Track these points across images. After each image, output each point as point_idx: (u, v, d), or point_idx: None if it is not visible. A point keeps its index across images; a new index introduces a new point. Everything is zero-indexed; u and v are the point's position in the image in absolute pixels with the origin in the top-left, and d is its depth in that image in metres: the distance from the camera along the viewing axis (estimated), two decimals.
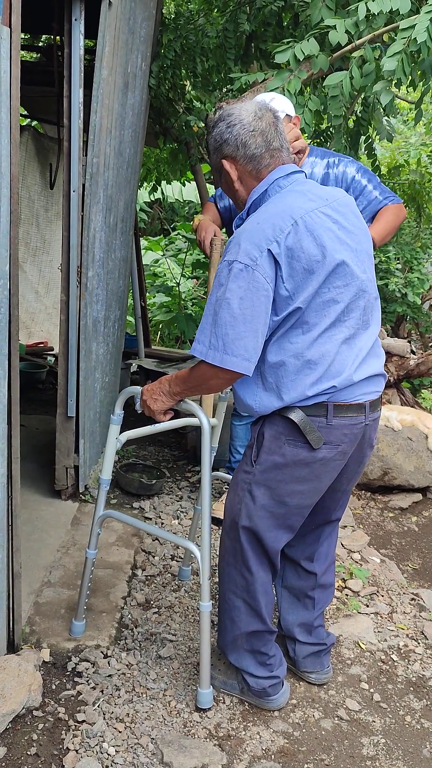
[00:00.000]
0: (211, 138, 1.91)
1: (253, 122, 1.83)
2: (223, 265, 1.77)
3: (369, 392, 1.91)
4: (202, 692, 2.10)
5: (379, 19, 3.01)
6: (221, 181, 1.96)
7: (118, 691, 2.14)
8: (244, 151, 1.84)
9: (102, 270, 3.41)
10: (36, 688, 2.03)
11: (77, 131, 2.92)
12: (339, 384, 1.83)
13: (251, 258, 1.72)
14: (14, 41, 1.83)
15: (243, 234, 1.77)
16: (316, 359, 1.79)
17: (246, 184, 1.90)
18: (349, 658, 2.45)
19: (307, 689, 2.27)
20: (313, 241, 1.76)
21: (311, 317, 1.78)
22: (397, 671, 2.42)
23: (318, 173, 2.85)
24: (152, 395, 1.99)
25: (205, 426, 1.97)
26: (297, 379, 1.81)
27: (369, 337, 1.91)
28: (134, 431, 2.30)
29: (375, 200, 2.81)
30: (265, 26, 4.20)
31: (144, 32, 3.82)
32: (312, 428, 1.83)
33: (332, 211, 1.84)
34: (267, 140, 1.84)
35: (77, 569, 2.76)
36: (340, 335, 1.82)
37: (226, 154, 1.87)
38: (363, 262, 1.88)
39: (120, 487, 3.60)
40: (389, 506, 3.86)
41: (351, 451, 1.96)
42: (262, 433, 1.92)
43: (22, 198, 6.01)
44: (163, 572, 2.87)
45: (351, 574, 2.96)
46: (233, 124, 1.84)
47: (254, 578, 2.02)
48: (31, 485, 3.46)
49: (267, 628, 2.08)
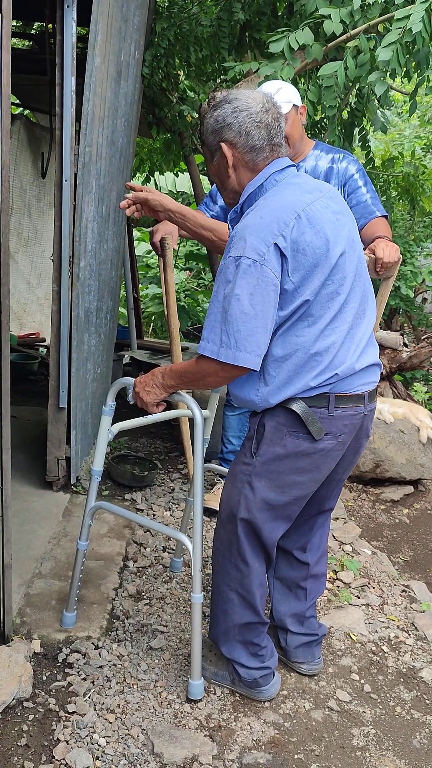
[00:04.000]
0: (212, 118, 1.86)
1: (260, 113, 1.82)
2: (229, 261, 1.75)
3: (367, 382, 1.93)
4: (193, 683, 2.10)
5: (374, 9, 3.00)
6: (212, 164, 1.94)
7: (109, 682, 2.14)
8: (246, 140, 1.83)
9: (94, 260, 3.39)
10: (26, 679, 2.03)
11: (69, 120, 2.90)
12: (341, 373, 1.83)
13: (259, 253, 1.71)
14: (5, 28, 1.81)
15: (247, 229, 1.75)
16: (322, 351, 1.79)
17: (239, 173, 1.89)
18: (340, 650, 2.46)
19: (298, 680, 2.28)
20: (316, 233, 1.76)
21: (316, 310, 1.78)
22: (387, 662, 2.43)
23: (322, 167, 2.86)
24: (145, 387, 1.98)
25: (198, 418, 1.97)
26: (302, 372, 1.81)
27: (367, 326, 1.92)
28: (126, 423, 2.29)
29: (364, 203, 2.85)
30: (260, 15, 4.17)
31: (137, 20, 3.78)
32: (314, 419, 1.84)
33: (329, 201, 1.86)
34: (270, 135, 1.84)
35: (68, 560, 2.75)
36: (345, 326, 1.83)
37: (227, 138, 1.85)
38: (357, 251, 1.89)
39: (112, 478, 3.59)
40: (381, 498, 3.87)
41: (349, 441, 1.97)
42: (263, 425, 1.91)
43: (14, 188, 5.96)
44: (155, 564, 2.87)
45: (342, 565, 2.96)
46: (240, 110, 1.82)
47: (250, 570, 2.01)
48: (22, 477, 3.45)
49: (260, 620, 2.08)
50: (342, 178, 2.85)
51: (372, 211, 2.83)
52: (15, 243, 6.14)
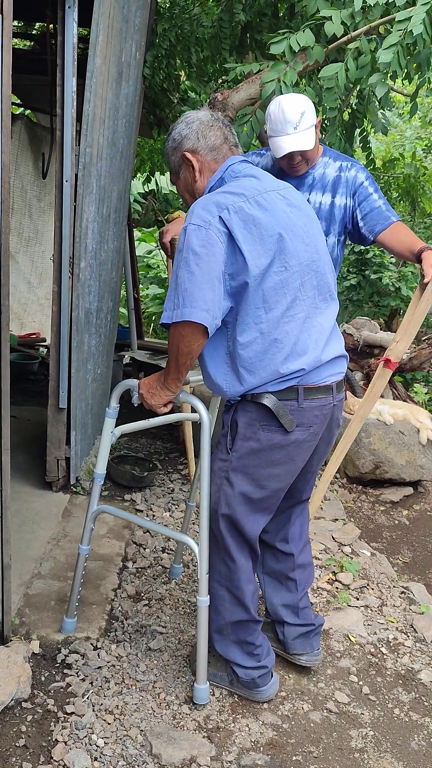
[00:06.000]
0: (170, 140, 2.01)
1: (209, 120, 1.99)
2: (181, 233, 1.83)
3: (334, 373, 1.99)
4: (198, 688, 2.09)
5: (375, 11, 2.99)
6: (180, 180, 2.06)
7: (108, 683, 2.14)
8: (204, 142, 1.97)
9: (95, 261, 3.39)
10: (25, 679, 2.03)
11: (70, 120, 2.90)
12: (308, 366, 1.90)
13: (204, 220, 1.79)
14: (6, 28, 1.81)
15: (197, 204, 1.84)
16: (282, 338, 1.86)
17: (204, 176, 2.00)
18: (339, 651, 2.46)
19: (297, 681, 2.28)
20: (265, 214, 1.83)
21: (270, 297, 1.84)
22: (386, 664, 2.43)
23: (330, 174, 2.86)
24: (149, 389, 2.00)
25: (205, 418, 1.97)
26: (266, 358, 1.87)
27: (329, 317, 1.99)
28: (129, 425, 2.29)
29: (378, 209, 2.84)
30: (261, 17, 4.16)
31: (138, 21, 3.78)
32: (285, 412, 1.89)
33: (286, 194, 1.95)
34: (224, 134, 1.99)
35: (68, 561, 2.75)
36: (301, 314, 1.90)
37: (188, 147, 1.98)
38: (314, 244, 1.95)
39: (111, 478, 3.59)
40: (380, 500, 3.87)
41: (321, 431, 2.03)
42: (236, 421, 1.97)
43: (15, 188, 5.97)
44: (154, 564, 2.87)
45: (341, 567, 2.96)
46: (191, 122, 1.99)
47: (237, 566, 2.05)
48: (21, 477, 3.45)
49: (251, 617, 2.10)
50: (351, 187, 2.86)
51: (387, 217, 2.83)
52: (16, 243, 6.14)
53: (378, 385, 2.73)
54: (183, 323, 1.78)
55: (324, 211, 2.90)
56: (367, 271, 7.03)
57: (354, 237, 2.98)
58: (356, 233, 2.93)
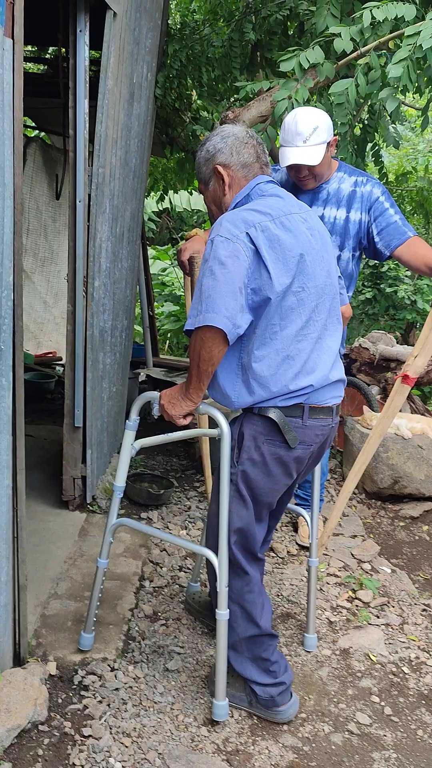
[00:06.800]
0: (203, 151, 2.05)
1: (245, 138, 2.03)
2: (207, 244, 1.85)
3: (336, 396, 2.05)
4: (217, 704, 2.07)
5: (384, 26, 3.00)
6: (208, 192, 2.10)
7: (125, 705, 2.12)
8: (237, 158, 2.01)
9: (109, 280, 3.41)
10: (42, 702, 2.01)
11: (82, 141, 2.93)
12: (316, 383, 1.94)
13: (232, 233, 1.81)
14: (17, 52, 1.83)
15: (224, 218, 1.86)
16: (294, 355, 1.91)
17: (233, 191, 2.04)
18: (360, 671, 2.42)
19: (317, 703, 2.24)
20: (289, 236, 1.87)
21: (287, 314, 1.88)
22: (408, 684, 2.38)
23: (345, 189, 2.86)
24: (170, 399, 2.00)
25: (225, 430, 1.95)
26: (278, 372, 1.90)
27: (336, 340, 2.03)
28: (149, 439, 2.28)
29: (394, 224, 2.83)
30: (271, 35, 4.20)
31: (149, 42, 3.83)
32: (289, 428, 1.93)
33: (308, 217, 1.99)
34: (257, 153, 2.03)
35: (84, 581, 2.74)
36: (314, 334, 1.94)
37: (220, 161, 2.02)
38: (327, 269, 2.00)
39: (128, 497, 3.58)
40: (400, 515, 3.81)
41: (316, 451, 2.07)
42: (242, 433, 2.00)
43: (30, 209, 6.04)
44: (171, 583, 2.84)
45: (361, 584, 2.92)
46: (227, 136, 2.02)
47: (250, 577, 2.08)
48: (38, 496, 3.45)
49: (264, 632, 2.10)
50: (367, 202, 2.86)
51: (404, 232, 2.82)
52: (31, 263, 6.21)
53: (396, 400, 2.70)
54: (204, 329, 1.80)
55: (338, 226, 2.89)
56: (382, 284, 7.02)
57: (370, 252, 2.97)
58: (372, 248, 2.92)
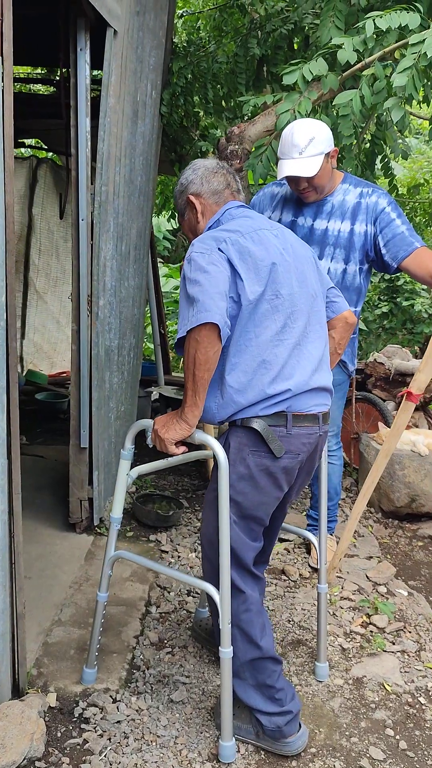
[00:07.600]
0: (178, 184, 2.16)
1: (215, 168, 2.13)
2: (184, 264, 1.87)
3: (320, 404, 2.02)
4: (224, 745, 1.97)
5: (388, 36, 2.95)
6: (185, 221, 2.18)
7: (127, 739, 2.03)
8: (208, 186, 2.10)
9: (114, 298, 3.37)
10: (39, 736, 1.94)
11: (84, 160, 2.91)
12: (294, 388, 1.91)
13: (205, 249, 1.85)
14: (6, 69, 1.81)
15: (195, 240, 1.92)
16: (270, 360, 1.90)
17: (206, 218, 2.11)
18: (374, 702, 2.31)
19: (328, 737, 2.14)
20: (259, 248, 1.91)
21: (261, 321, 1.89)
22: (425, 716, 2.27)
23: (350, 201, 2.81)
24: (165, 423, 1.93)
25: (221, 457, 1.87)
26: (254, 378, 1.89)
27: (318, 347, 2.02)
28: (146, 466, 2.22)
29: (401, 235, 2.76)
30: (276, 50, 4.18)
31: (153, 60, 3.82)
32: (274, 437, 1.91)
33: (280, 234, 2.02)
34: (227, 181, 2.13)
35: (89, 606, 2.67)
36: (290, 340, 1.94)
37: (193, 191, 2.11)
38: (304, 278, 2.01)
39: (137, 518, 3.51)
40: (418, 535, 3.70)
41: (306, 461, 2.03)
42: (228, 444, 1.96)
43: (42, 230, 6.06)
44: (178, 609, 2.76)
45: (376, 608, 2.81)
46: (198, 168, 2.13)
47: (246, 596, 2.01)
48: (46, 518, 3.40)
49: (265, 655, 2.02)
50: (372, 213, 2.80)
51: (411, 243, 2.75)
52: (44, 283, 6.22)
53: (401, 418, 2.62)
54: (198, 329, 1.76)
55: (343, 238, 2.83)
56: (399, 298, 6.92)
57: (378, 265, 2.90)
58: (379, 261, 2.85)
